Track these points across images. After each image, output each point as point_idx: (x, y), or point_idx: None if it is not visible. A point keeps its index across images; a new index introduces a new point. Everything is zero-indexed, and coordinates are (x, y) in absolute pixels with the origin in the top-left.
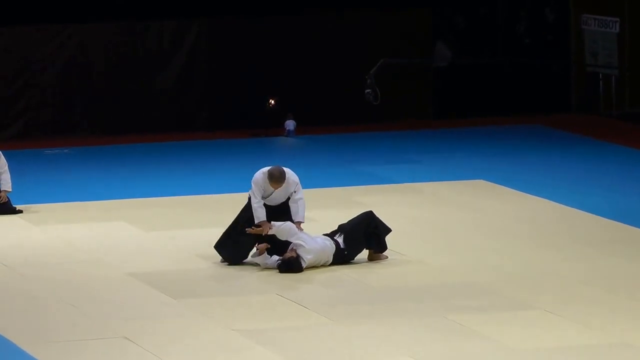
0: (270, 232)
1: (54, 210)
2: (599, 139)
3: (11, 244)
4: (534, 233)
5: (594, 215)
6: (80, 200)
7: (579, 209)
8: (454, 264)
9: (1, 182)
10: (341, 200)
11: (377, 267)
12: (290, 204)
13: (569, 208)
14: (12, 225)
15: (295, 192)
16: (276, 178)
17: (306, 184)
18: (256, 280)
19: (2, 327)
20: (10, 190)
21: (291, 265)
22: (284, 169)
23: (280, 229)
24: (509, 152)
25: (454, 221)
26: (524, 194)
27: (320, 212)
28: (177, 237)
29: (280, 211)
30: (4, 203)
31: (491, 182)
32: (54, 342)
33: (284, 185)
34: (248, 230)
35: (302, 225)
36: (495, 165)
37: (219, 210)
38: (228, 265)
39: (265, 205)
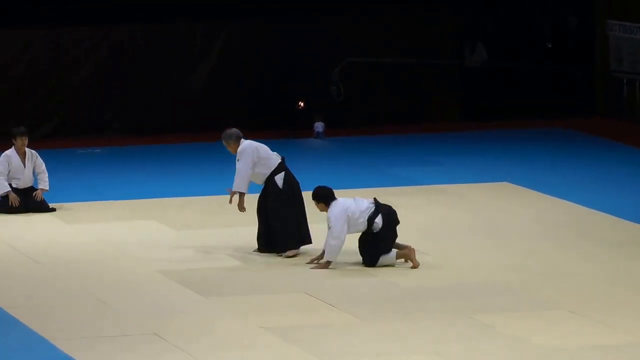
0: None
1: (86, 208)
2: (623, 142)
3: (44, 242)
4: (558, 235)
5: (618, 218)
6: (112, 199)
7: (604, 212)
8: (479, 264)
9: (39, 181)
10: None
11: (403, 268)
12: None
13: (594, 211)
14: (46, 223)
15: (238, 160)
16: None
17: (334, 184)
18: (285, 279)
19: (34, 323)
20: (47, 189)
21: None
22: (242, 139)
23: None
24: (533, 155)
25: (479, 222)
26: (549, 196)
27: None
28: (207, 236)
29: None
30: (40, 202)
31: (516, 184)
32: (85, 338)
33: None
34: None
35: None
36: (520, 168)
37: (249, 210)
38: (259, 263)
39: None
